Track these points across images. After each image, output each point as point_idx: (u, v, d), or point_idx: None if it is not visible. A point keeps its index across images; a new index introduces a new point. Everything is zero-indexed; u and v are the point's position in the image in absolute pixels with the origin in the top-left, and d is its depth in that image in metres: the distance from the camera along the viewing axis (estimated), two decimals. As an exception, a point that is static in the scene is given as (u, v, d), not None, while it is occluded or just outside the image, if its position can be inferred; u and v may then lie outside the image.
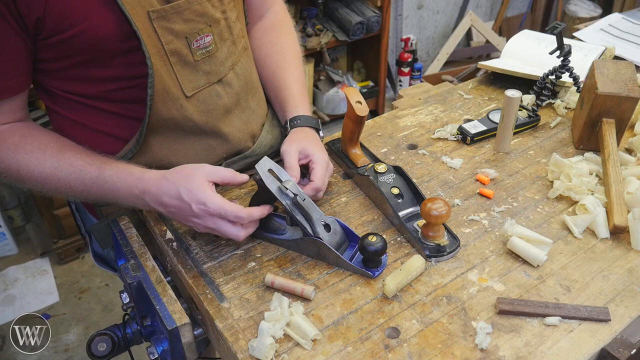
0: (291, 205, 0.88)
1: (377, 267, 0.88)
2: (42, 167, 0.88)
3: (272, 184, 0.87)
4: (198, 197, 0.82)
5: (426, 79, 3.46)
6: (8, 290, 2.35)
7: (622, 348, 0.76)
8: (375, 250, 0.84)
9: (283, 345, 0.78)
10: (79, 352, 2.10)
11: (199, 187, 0.83)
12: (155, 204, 0.87)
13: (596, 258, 0.91)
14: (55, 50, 0.84)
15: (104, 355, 0.89)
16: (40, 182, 0.89)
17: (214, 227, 0.85)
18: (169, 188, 0.84)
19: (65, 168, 0.88)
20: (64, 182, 0.89)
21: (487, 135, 1.20)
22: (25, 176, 0.89)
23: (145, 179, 0.87)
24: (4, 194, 2.49)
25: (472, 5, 3.73)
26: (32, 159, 0.88)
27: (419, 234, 0.93)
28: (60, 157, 0.89)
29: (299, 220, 0.89)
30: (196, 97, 0.96)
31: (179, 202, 0.84)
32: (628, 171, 1.05)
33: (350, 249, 0.92)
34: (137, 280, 0.86)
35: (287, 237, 0.93)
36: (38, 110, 2.11)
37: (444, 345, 0.77)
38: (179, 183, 0.84)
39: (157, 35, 0.87)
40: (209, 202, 0.82)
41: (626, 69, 1.13)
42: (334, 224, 0.92)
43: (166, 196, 0.84)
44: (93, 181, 0.88)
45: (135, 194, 0.87)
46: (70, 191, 0.90)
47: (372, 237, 0.85)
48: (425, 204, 0.88)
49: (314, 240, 0.89)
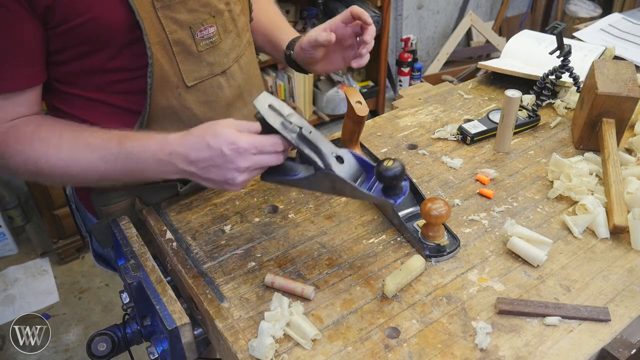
0: (297, 140, 0.80)
1: (398, 195, 0.81)
2: (60, 153, 0.84)
3: (274, 119, 0.79)
4: (227, 138, 0.78)
5: (426, 79, 3.46)
6: (8, 290, 2.35)
7: (622, 348, 0.76)
8: (393, 175, 0.77)
9: (283, 345, 0.78)
10: (79, 352, 2.10)
11: (225, 130, 0.78)
12: (184, 163, 0.81)
13: (596, 258, 0.91)
14: (63, 40, 0.84)
15: (104, 355, 0.89)
16: (61, 170, 0.85)
17: (250, 164, 0.79)
18: (194, 141, 0.79)
19: (85, 149, 0.84)
20: (86, 164, 0.84)
21: (487, 135, 1.20)
22: (44, 166, 0.84)
23: (169, 140, 0.82)
24: (4, 194, 2.49)
25: (472, 5, 3.73)
26: (49, 147, 0.84)
27: (419, 234, 0.93)
28: (78, 139, 0.85)
29: (307, 154, 0.80)
30: (197, 87, 0.96)
31: (208, 152, 0.78)
32: (628, 171, 1.05)
33: (367, 182, 0.84)
34: (137, 280, 0.86)
35: (302, 176, 0.85)
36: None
37: (444, 345, 0.77)
38: (204, 133, 0.79)
39: (161, 24, 0.87)
40: (240, 139, 0.77)
41: (626, 69, 1.13)
42: (346, 155, 0.83)
43: (193, 151, 0.79)
44: (115, 156, 0.84)
45: (162, 159, 0.82)
46: (95, 173, 0.85)
47: (388, 161, 0.77)
48: (425, 204, 0.88)
49: (326, 173, 0.80)
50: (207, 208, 1.03)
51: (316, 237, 0.96)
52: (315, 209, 1.02)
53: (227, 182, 0.81)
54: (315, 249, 0.94)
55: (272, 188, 1.08)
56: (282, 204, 1.04)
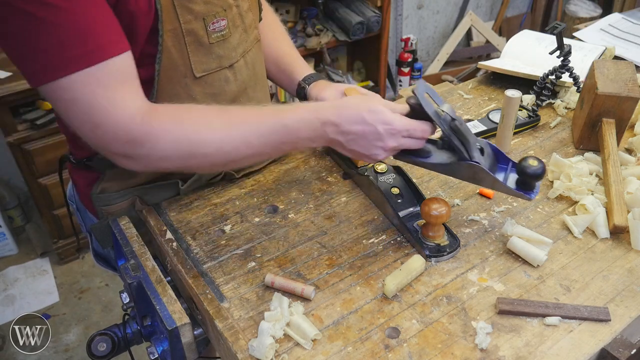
0: (448, 129, 0.86)
1: (532, 190, 0.88)
2: (213, 129, 0.83)
3: (429, 107, 0.85)
4: (383, 118, 0.83)
5: (426, 79, 3.46)
6: (8, 290, 2.35)
7: (622, 348, 0.76)
8: (535, 174, 0.85)
9: (283, 345, 0.78)
10: (79, 352, 2.10)
11: (381, 108, 0.84)
12: (335, 133, 0.85)
13: (596, 258, 0.91)
14: None
15: (104, 355, 0.89)
16: (215, 147, 0.83)
17: (397, 145, 0.85)
18: (349, 114, 0.84)
19: (239, 124, 0.84)
20: (240, 139, 0.84)
21: (487, 135, 1.20)
22: (197, 144, 0.82)
23: (324, 108, 0.85)
24: (4, 194, 2.49)
25: (472, 5, 3.73)
26: (200, 124, 0.82)
27: (419, 234, 0.93)
28: (227, 115, 0.85)
29: (456, 144, 0.86)
30: (204, 79, 0.96)
31: (362, 127, 0.83)
32: (628, 171, 1.05)
33: (499, 172, 0.91)
34: (137, 280, 0.86)
35: (435, 160, 0.91)
36: (38, 111, 2.11)
37: (444, 345, 0.77)
38: (359, 108, 0.84)
39: (176, 13, 0.86)
40: (396, 121, 0.83)
41: (626, 69, 1.13)
42: (486, 147, 0.91)
43: (347, 123, 0.84)
44: (271, 129, 0.84)
45: (316, 128, 0.85)
46: (247, 149, 0.85)
47: (533, 160, 0.85)
48: (426, 204, 0.88)
49: (471, 164, 0.87)
50: (207, 208, 1.03)
51: (316, 237, 0.96)
52: (315, 209, 1.02)
53: (369, 156, 0.87)
54: (315, 249, 0.94)
55: (272, 188, 1.08)
56: (282, 204, 1.04)
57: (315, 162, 1.15)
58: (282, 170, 1.13)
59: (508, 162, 0.92)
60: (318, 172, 1.12)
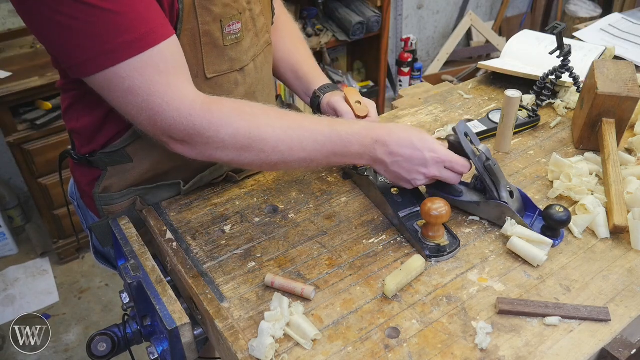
0: (482, 169, 0.93)
1: (557, 237, 0.93)
2: (273, 127, 0.85)
3: (467, 145, 0.92)
4: (431, 146, 0.89)
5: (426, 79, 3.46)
6: (8, 290, 2.35)
7: (622, 348, 0.76)
8: (560, 221, 0.89)
9: (283, 345, 0.78)
10: (79, 352, 2.10)
11: (429, 137, 0.90)
12: (383, 153, 0.89)
13: (596, 258, 0.91)
14: None
15: (104, 355, 0.89)
16: (272, 144, 0.85)
17: (438, 174, 0.90)
18: (400, 137, 0.88)
19: (298, 127, 0.86)
20: (297, 142, 0.86)
21: (487, 135, 1.20)
22: (256, 138, 0.83)
23: (375, 129, 0.89)
24: (4, 194, 2.49)
25: (472, 5, 3.73)
26: (260, 121, 0.84)
27: (419, 234, 0.93)
28: (287, 118, 0.87)
29: (487, 183, 0.93)
30: (215, 80, 0.96)
31: (410, 151, 0.88)
32: (628, 171, 1.05)
33: (526, 218, 0.97)
34: (137, 280, 0.86)
35: (466, 199, 0.97)
36: (38, 111, 2.11)
37: (444, 345, 0.77)
38: (411, 133, 0.89)
39: (195, 13, 0.86)
40: (441, 150, 0.89)
41: (626, 69, 1.13)
42: (516, 192, 0.97)
43: (397, 145, 0.88)
44: (327, 138, 0.87)
45: (367, 144, 0.89)
46: (301, 152, 0.87)
47: (559, 208, 0.90)
48: (425, 204, 0.88)
49: (499, 204, 0.93)
50: (207, 208, 1.03)
51: (316, 237, 0.96)
52: (315, 209, 1.02)
53: (409, 180, 0.91)
54: (315, 249, 0.94)
55: (272, 188, 1.08)
56: (282, 204, 1.04)
57: (315, 162, 1.15)
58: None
59: (536, 210, 0.98)
60: (318, 172, 1.12)
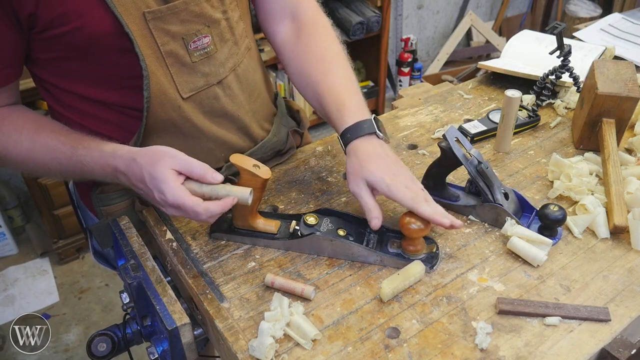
0: (475, 172, 0.94)
1: (554, 236, 0.93)
2: (19, 148, 0.89)
3: (458, 150, 0.92)
4: (159, 187, 0.81)
5: (426, 79, 3.46)
6: (8, 290, 2.35)
7: (622, 348, 0.76)
8: (556, 219, 0.89)
9: (283, 345, 0.78)
10: (79, 352, 2.11)
11: (161, 175, 0.81)
12: (128, 183, 0.87)
13: (596, 258, 0.91)
14: (50, 44, 0.84)
15: (104, 355, 0.89)
16: (20, 163, 0.91)
17: (176, 214, 0.85)
18: (135, 171, 0.84)
19: (41, 148, 0.89)
20: (41, 162, 0.90)
21: (487, 135, 1.20)
22: (5, 158, 0.90)
23: (117, 156, 0.86)
24: (4, 194, 2.49)
25: (472, 5, 3.73)
26: (9, 141, 0.89)
27: (403, 253, 0.89)
28: (36, 138, 0.89)
29: (481, 186, 0.94)
30: (193, 98, 0.95)
31: (144, 186, 0.84)
32: (628, 171, 1.05)
33: (523, 219, 0.97)
34: (137, 280, 0.86)
35: (462, 203, 0.98)
36: (38, 111, 2.11)
37: (444, 345, 0.77)
38: (144, 167, 0.83)
39: (152, 36, 0.86)
40: (168, 193, 0.81)
41: (626, 69, 1.13)
42: (511, 194, 0.97)
43: (134, 178, 0.85)
44: (68, 160, 0.88)
45: (109, 173, 0.87)
46: (49, 171, 0.91)
47: (554, 207, 0.90)
48: (404, 218, 0.85)
49: (494, 206, 0.94)
50: (207, 208, 1.03)
51: (316, 237, 0.96)
52: (316, 209, 1.02)
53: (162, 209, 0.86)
54: (315, 249, 0.94)
55: (272, 188, 1.08)
56: (282, 204, 1.04)
57: (315, 162, 1.15)
58: (282, 170, 1.13)
59: (533, 211, 0.97)
60: (318, 172, 1.12)
